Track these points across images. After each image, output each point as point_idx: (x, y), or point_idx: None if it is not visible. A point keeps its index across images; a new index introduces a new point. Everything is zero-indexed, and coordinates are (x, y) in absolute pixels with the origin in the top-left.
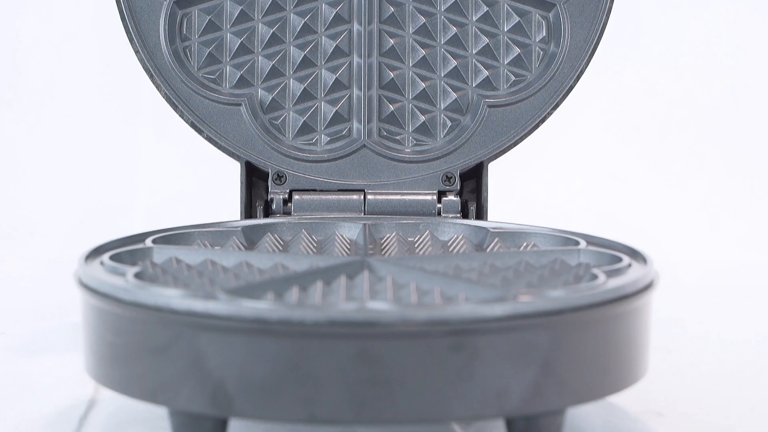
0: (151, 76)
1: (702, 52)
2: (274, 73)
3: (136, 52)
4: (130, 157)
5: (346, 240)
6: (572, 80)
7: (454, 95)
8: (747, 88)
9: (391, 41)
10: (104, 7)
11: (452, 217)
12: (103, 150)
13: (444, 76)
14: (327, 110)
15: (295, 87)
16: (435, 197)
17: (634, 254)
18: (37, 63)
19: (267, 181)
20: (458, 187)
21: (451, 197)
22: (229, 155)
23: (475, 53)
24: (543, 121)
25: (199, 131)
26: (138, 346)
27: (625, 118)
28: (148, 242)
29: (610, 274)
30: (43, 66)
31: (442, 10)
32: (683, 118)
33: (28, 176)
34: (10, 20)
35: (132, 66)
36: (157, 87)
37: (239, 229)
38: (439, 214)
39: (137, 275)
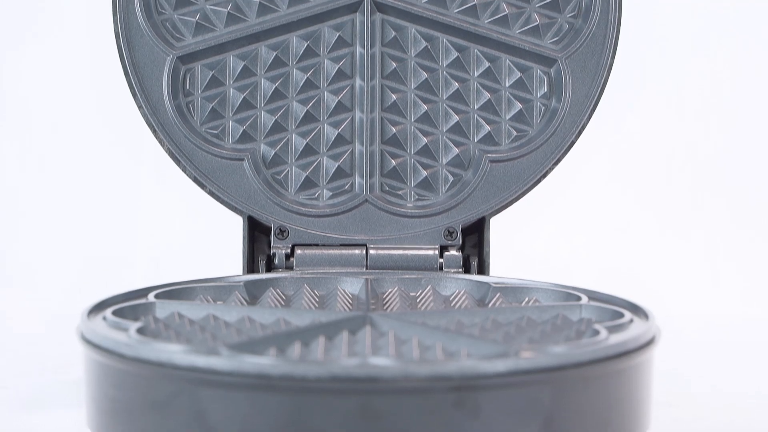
0: (154, 131)
1: (703, 103)
2: (277, 128)
3: (140, 107)
4: (132, 211)
5: (348, 295)
6: (574, 135)
7: (456, 150)
8: (748, 139)
9: (394, 96)
10: (108, 62)
11: (454, 272)
12: (106, 203)
13: (446, 131)
14: (329, 165)
15: (298, 142)
16: (437, 252)
17: (636, 310)
18: (42, 115)
19: (269, 236)
20: (460, 242)
21: (453, 252)
22: (231, 210)
23: (477, 108)
24: (545, 176)
25: (202, 186)
26: (140, 401)
27: (627, 171)
28: (151, 297)
29: (612, 329)
30: (47, 118)
31: (444, 65)
32: (685, 171)
33: (31, 228)
34: (13, 72)
35: (135, 120)
36: (160, 142)
37: (241, 283)
38: (441, 268)
39: (140, 330)
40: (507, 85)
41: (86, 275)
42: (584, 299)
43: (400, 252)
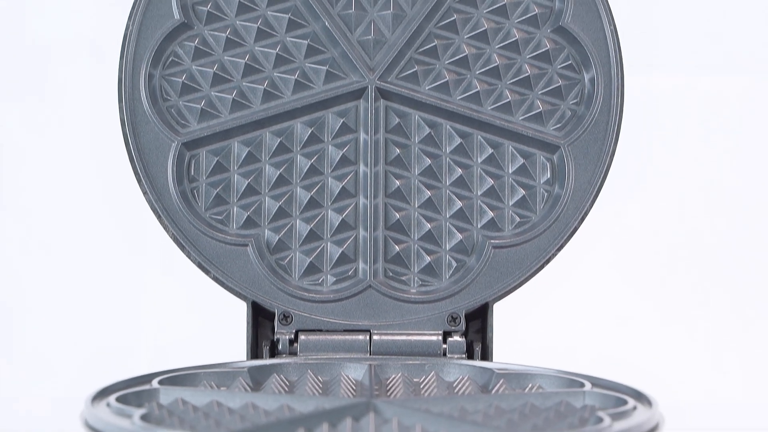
0: (159, 217)
1: (705, 191)
2: (281, 213)
3: (145, 192)
4: (136, 296)
5: (351, 381)
6: (576, 221)
7: (459, 236)
8: (750, 228)
9: (397, 182)
10: (113, 148)
11: (457, 358)
12: (110, 288)
13: (449, 217)
14: (333, 251)
15: (302, 228)
16: (440, 338)
17: (639, 397)
18: (46, 200)
19: (273, 321)
20: (463, 328)
21: (456, 338)
22: (235, 295)
23: (481, 194)
24: (547, 262)
25: (206, 271)
26: None
27: (629, 257)
28: (155, 383)
29: (615, 417)
30: (51, 203)
31: (448, 152)
32: (687, 257)
33: (36, 313)
34: (17, 156)
35: (140, 206)
36: (165, 227)
37: (245, 369)
38: (444, 354)
39: (143, 417)
40: (510, 171)
41: (90, 361)
42: (588, 386)
43: (404, 338)
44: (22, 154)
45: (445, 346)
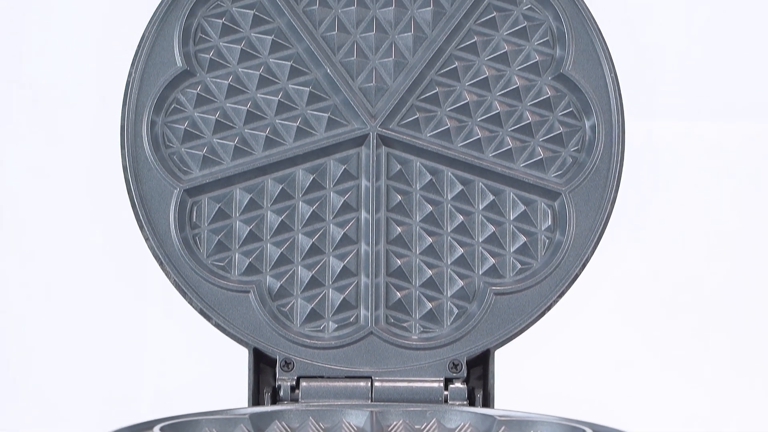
0: (160, 264)
1: (707, 238)
2: (283, 260)
3: (147, 239)
4: (137, 343)
5: (353, 427)
6: (578, 268)
7: (460, 283)
8: (752, 276)
9: (399, 229)
10: (115, 194)
11: (459, 405)
12: (112, 334)
13: (451, 263)
14: (335, 297)
15: (304, 274)
16: (442, 384)
17: None
18: (48, 246)
19: (275, 368)
20: (465, 375)
21: (457, 384)
22: (237, 341)
23: (482, 241)
24: (549, 308)
25: (208, 318)
26: None
27: (630, 304)
28: (156, 430)
29: None
30: (53, 249)
31: (449, 198)
32: (688, 305)
33: (37, 359)
34: (20, 203)
35: (142, 252)
36: (167, 274)
37: (247, 416)
38: (445, 401)
39: None
40: (511, 218)
41: (92, 407)
42: None
43: (405, 384)
44: (23, 199)
45: (446, 392)
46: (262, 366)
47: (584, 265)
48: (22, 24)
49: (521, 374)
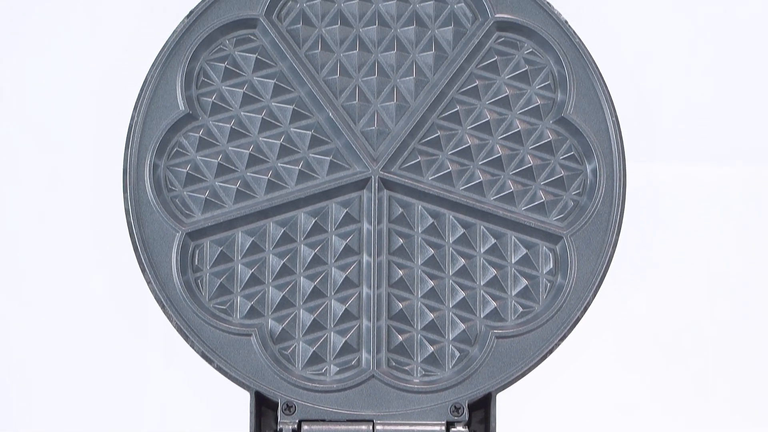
0: (162, 307)
1: (709, 283)
2: (284, 303)
3: (149, 282)
4: (139, 386)
5: None
6: (579, 312)
7: (462, 326)
8: (755, 321)
9: (400, 272)
10: (117, 238)
11: None
12: (113, 378)
13: (452, 307)
14: (336, 340)
15: (305, 317)
16: (443, 428)
17: None
18: (48, 290)
19: (276, 411)
20: (466, 418)
21: (459, 428)
22: (238, 385)
23: (484, 284)
24: (551, 352)
25: (210, 361)
26: None
27: (632, 349)
28: None
29: None
30: (55, 294)
31: (451, 242)
32: (690, 350)
33: (38, 404)
34: (22, 254)
35: (143, 295)
36: (169, 317)
37: None
38: None
39: None
40: (513, 261)
41: None
42: None
43: (407, 428)
44: (25, 242)
45: None
46: (263, 409)
47: (586, 309)
48: (26, 66)
49: (523, 418)
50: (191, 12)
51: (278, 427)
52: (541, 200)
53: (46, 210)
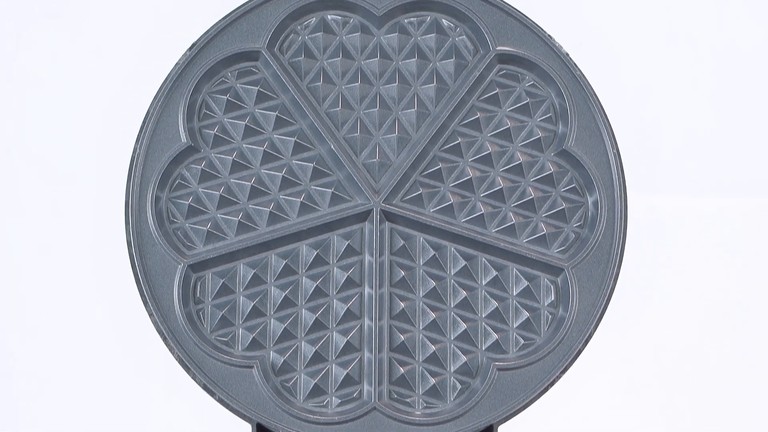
0: (164, 339)
1: (710, 313)
2: (286, 335)
3: (150, 314)
4: (140, 418)
5: None
6: (581, 344)
7: (464, 358)
8: (755, 349)
9: (402, 304)
10: (118, 270)
11: None
12: (114, 409)
13: (454, 339)
14: (338, 373)
15: (307, 349)
16: None
17: None
18: (50, 323)
19: None
20: None
21: None
22: (240, 417)
23: (485, 317)
24: (552, 384)
25: (211, 393)
26: None
27: (634, 380)
28: None
29: None
30: (55, 327)
31: (452, 274)
32: (690, 379)
33: None
34: (24, 275)
35: (145, 327)
36: (170, 349)
37: None
38: None
39: None
40: (514, 293)
41: None
42: None
43: None
44: (27, 274)
45: None
46: None
47: (587, 341)
48: (29, 97)
49: None
50: (194, 45)
51: None
52: (543, 232)
53: (49, 241)
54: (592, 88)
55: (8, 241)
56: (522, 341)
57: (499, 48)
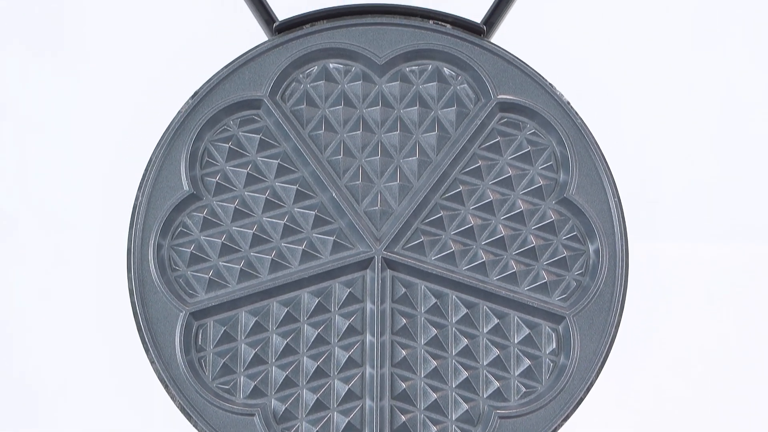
0: (166, 386)
1: (711, 360)
2: (288, 383)
3: (152, 362)
4: None
5: None
6: (582, 392)
7: (465, 406)
8: (756, 398)
9: (403, 352)
10: (120, 318)
11: None
12: None
13: (455, 387)
14: (339, 421)
15: (308, 397)
16: None
17: None
18: (52, 371)
19: None
20: None
21: None
22: None
23: (486, 364)
24: None
25: None
26: None
27: (635, 428)
28: None
29: None
30: (57, 375)
31: (454, 322)
32: (693, 427)
33: None
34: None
35: (147, 375)
36: (172, 397)
37: None
38: None
39: None
40: (515, 341)
41: None
42: None
43: None
44: (29, 322)
45: None
46: None
47: (589, 389)
48: (30, 143)
49: None
50: (196, 93)
51: None
52: (544, 280)
53: (50, 289)
54: (593, 137)
55: (10, 290)
56: (523, 389)
57: (500, 96)
